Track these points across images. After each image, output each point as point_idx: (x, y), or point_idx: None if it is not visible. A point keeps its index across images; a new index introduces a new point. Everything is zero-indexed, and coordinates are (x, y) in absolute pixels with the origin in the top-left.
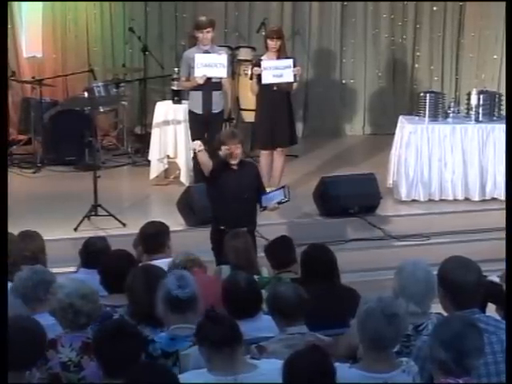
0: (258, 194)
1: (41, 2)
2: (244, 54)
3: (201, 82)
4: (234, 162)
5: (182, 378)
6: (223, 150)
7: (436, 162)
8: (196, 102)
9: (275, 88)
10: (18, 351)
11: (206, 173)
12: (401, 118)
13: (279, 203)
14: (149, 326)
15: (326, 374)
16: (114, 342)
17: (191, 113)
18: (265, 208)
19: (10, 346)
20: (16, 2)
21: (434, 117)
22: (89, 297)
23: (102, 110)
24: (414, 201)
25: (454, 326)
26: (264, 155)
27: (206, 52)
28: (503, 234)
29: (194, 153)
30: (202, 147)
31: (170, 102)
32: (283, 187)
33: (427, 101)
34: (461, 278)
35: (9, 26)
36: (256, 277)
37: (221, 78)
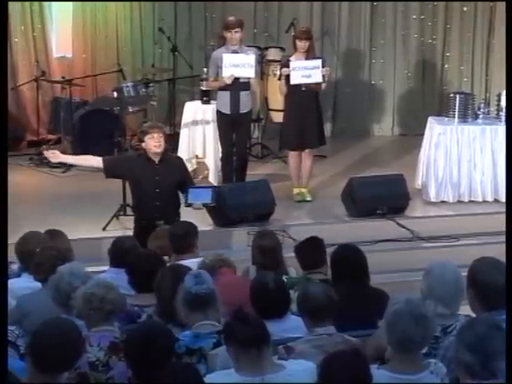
0: (182, 187)
1: (71, 3)
2: (273, 54)
3: (229, 82)
4: (158, 150)
5: (209, 377)
6: (146, 140)
7: (465, 163)
8: (224, 102)
9: (304, 88)
10: (56, 354)
11: (96, 167)
12: (430, 118)
13: (204, 205)
14: (177, 325)
15: (363, 380)
16: (146, 346)
17: (219, 113)
18: (190, 205)
19: (49, 349)
20: (46, 3)
21: (464, 118)
22: (110, 286)
23: (131, 110)
24: (442, 202)
25: (479, 329)
26: (292, 156)
27: (235, 52)
28: None
29: (222, 154)
30: (55, 154)
31: (199, 102)
32: (212, 187)
33: (457, 102)
34: (491, 278)
35: (39, 26)
36: (285, 277)
37: (249, 78)
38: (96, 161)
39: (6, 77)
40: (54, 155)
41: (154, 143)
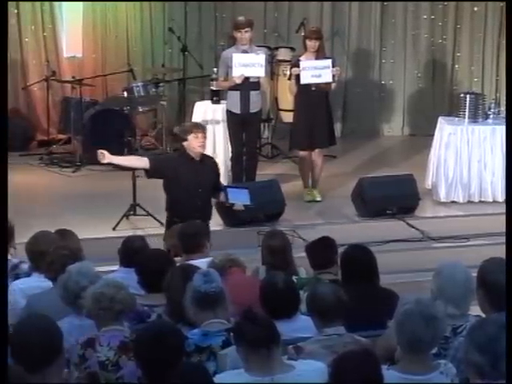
0: (214, 189)
1: (81, 3)
2: (283, 54)
3: (239, 81)
4: (201, 150)
5: (219, 377)
6: (190, 139)
7: (476, 163)
8: (234, 101)
9: (314, 88)
10: (31, 351)
11: (143, 168)
12: (440, 119)
13: (244, 206)
14: (186, 325)
15: (375, 381)
16: (155, 346)
17: (229, 112)
18: (232, 205)
19: (25, 346)
20: (57, 3)
21: (474, 118)
22: (119, 286)
23: (141, 110)
24: (453, 202)
25: (489, 329)
26: (302, 156)
27: (244, 52)
28: None
29: (232, 154)
30: (105, 155)
31: (209, 102)
32: (246, 188)
33: (467, 102)
34: (501, 279)
35: (49, 26)
36: (294, 277)
37: (259, 78)
38: (142, 161)
39: (6, 77)
40: (104, 156)
41: (198, 143)
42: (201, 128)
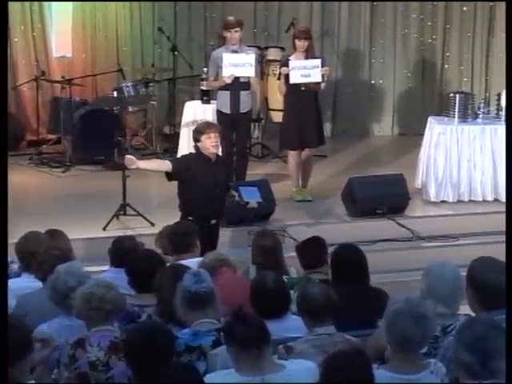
0: (226, 188)
1: (71, 3)
2: (273, 54)
3: (228, 81)
4: (214, 150)
5: (209, 377)
6: (203, 140)
7: (465, 162)
8: (224, 101)
9: (303, 88)
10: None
11: (165, 171)
12: (430, 118)
13: (258, 203)
14: (177, 325)
15: (366, 380)
16: (146, 346)
17: (219, 112)
18: (247, 203)
19: None
20: (46, 3)
21: (464, 117)
22: (109, 286)
23: (130, 110)
24: (442, 201)
25: (478, 329)
26: (292, 155)
27: (234, 52)
28: None
29: (222, 153)
30: (133, 161)
31: (199, 101)
32: (255, 186)
33: (457, 101)
34: (490, 278)
35: (39, 26)
36: (285, 277)
37: (249, 78)
38: (165, 165)
39: (6, 77)
40: (132, 161)
41: (211, 143)
42: (213, 128)
